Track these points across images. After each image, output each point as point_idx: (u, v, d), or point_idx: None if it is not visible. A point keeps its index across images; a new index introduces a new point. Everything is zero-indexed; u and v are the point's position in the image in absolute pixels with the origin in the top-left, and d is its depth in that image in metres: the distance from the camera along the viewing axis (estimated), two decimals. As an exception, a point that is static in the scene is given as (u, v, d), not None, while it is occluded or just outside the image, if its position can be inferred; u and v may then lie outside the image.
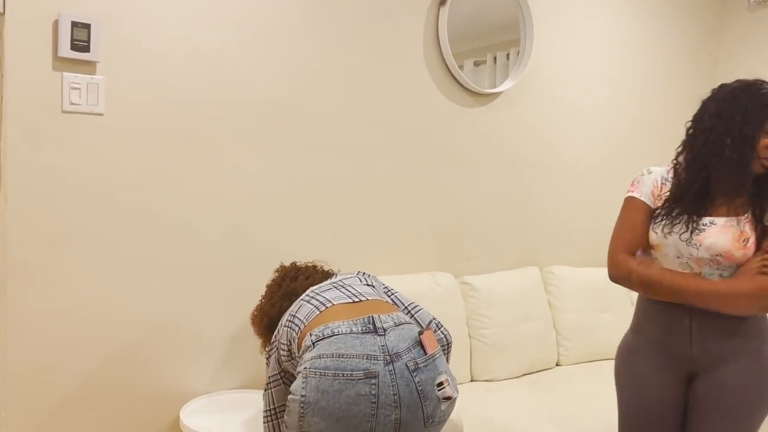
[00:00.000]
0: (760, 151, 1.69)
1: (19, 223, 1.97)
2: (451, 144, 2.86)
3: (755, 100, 1.70)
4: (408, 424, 1.48)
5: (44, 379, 2.06)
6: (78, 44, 1.97)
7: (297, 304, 1.74)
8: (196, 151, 2.24)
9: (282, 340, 1.69)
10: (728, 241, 1.70)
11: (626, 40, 3.43)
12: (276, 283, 2.00)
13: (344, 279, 1.82)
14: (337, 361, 1.44)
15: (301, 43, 2.42)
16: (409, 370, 1.49)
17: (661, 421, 1.82)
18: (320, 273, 2.01)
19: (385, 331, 1.53)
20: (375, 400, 1.43)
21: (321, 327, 1.54)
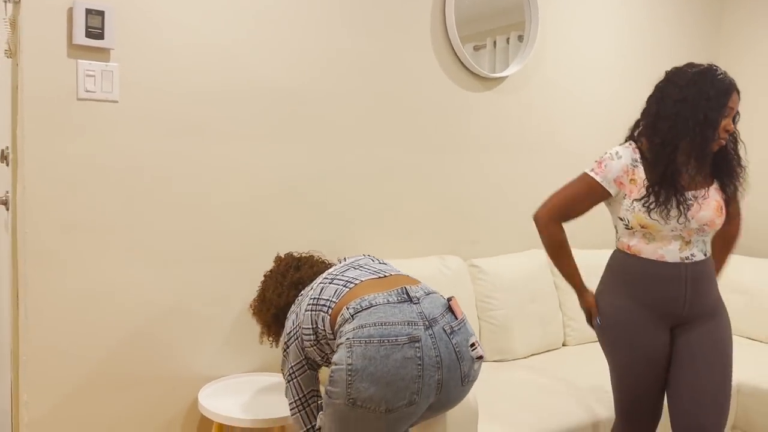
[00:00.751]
0: (720, 132, 1.88)
1: (36, 209, 1.99)
2: (459, 128, 2.88)
3: (716, 86, 1.85)
4: (448, 383, 1.56)
5: (64, 363, 2.08)
6: (92, 31, 1.98)
7: (315, 288, 1.76)
8: (210, 139, 2.26)
9: (305, 325, 1.70)
10: (712, 212, 1.92)
11: (630, 24, 3.45)
12: (280, 273, 2.01)
13: (357, 260, 1.85)
14: (380, 329, 1.49)
15: (311, 30, 2.43)
16: (446, 333, 1.57)
17: (652, 373, 1.98)
18: (322, 263, 2.04)
19: (419, 300, 1.60)
20: (420, 362, 1.49)
21: (357, 300, 1.58)
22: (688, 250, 1.93)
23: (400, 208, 2.76)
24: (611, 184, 1.96)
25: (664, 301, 1.94)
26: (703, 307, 1.97)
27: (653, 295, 1.95)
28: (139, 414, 2.23)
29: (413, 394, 1.49)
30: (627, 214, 1.95)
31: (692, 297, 1.94)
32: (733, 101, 1.88)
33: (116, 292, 2.15)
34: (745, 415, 2.72)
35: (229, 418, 2.04)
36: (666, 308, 1.95)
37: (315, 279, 1.91)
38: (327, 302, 1.66)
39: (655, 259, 1.94)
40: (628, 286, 1.98)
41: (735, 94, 1.89)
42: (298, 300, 1.83)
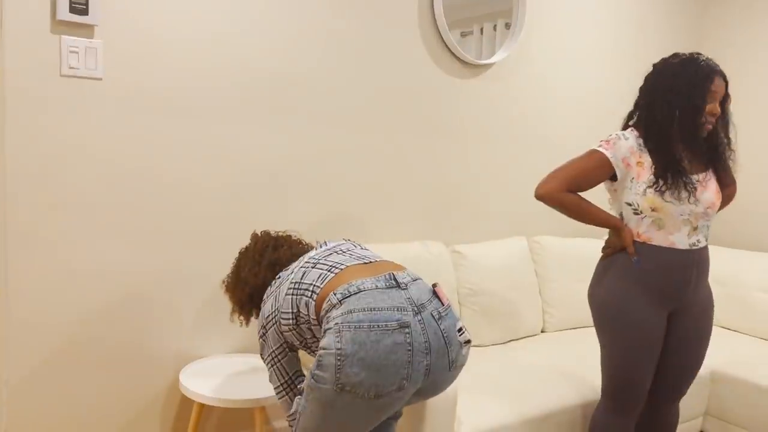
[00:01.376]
0: (706, 116, 1.95)
1: (18, 187, 1.97)
2: (443, 114, 2.89)
3: (699, 72, 1.93)
4: (436, 369, 1.56)
5: (45, 342, 2.08)
6: (77, 7, 1.96)
7: (296, 272, 1.73)
8: (194, 117, 2.25)
9: (284, 309, 1.68)
10: (713, 194, 2.00)
11: (617, 13, 3.47)
12: (257, 252, 1.95)
13: (339, 245, 1.83)
14: (370, 314, 1.49)
15: (297, 12, 2.42)
16: (434, 318, 1.56)
17: (647, 357, 2.05)
18: (300, 244, 2.00)
19: (407, 286, 1.59)
20: (410, 348, 1.49)
21: (345, 285, 1.57)
22: (695, 236, 2.01)
23: (385, 193, 2.76)
24: (619, 163, 1.99)
25: (673, 286, 2.01)
26: (702, 293, 2.09)
27: (664, 281, 2.00)
28: (120, 393, 2.23)
29: (402, 379, 1.49)
30: (636, 198, 1.97)
31: (697, 283, 2.04)
32: (716, 85, 1.93)
33: (98, 271, 2.14)
34: (718, 403, 2.78)
35: (210, 398, 2.04)
36: (673, 293, 2.02)
37: (294, 261, 1.88)
38: (311, 287, 1.65)
39: (667, 246, 1.98)
40: (637, 273, 2.02)
41: (718, 78, 1.94)
42: (277, 282, 1.80)
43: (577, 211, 2.02)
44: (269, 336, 1.73)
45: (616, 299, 2.05)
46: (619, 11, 3.48)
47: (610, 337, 2.08)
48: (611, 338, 2.08)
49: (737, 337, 3.20)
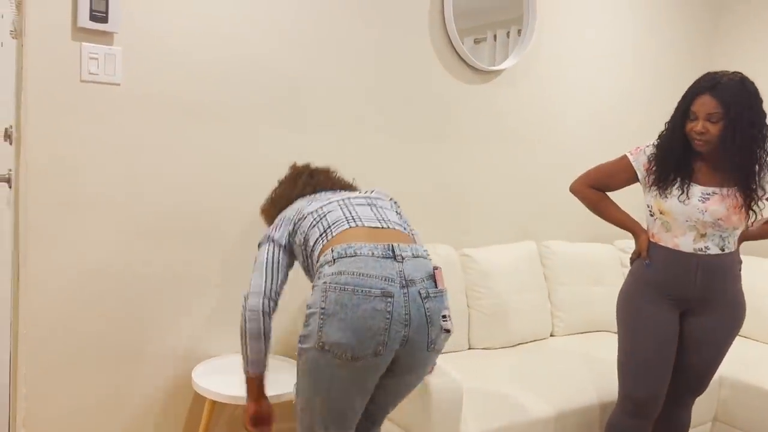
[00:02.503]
0: (688, 133, 2.04)
1: (38, 187, 2.04)
2: (453, 119, 2.93)
3: (688, 91, 2.04)
4: (413, 342, 1.61)
5: (62, 338, 2.14)
6: (97, 15, 2.03)
7: (328, 201, 1.84)
8: (209, 121, 2.31)
9: (303, 226, 1.80)
10: (727, 209, 2.03)
11: (628, 19, 3.49)
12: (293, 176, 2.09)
13: (378, 199, 1.91)
14: (357, 279, 1.56)
15: (311, 19, 2.47)
16: (420, 296, 1.61)
17: (658, 353, 2.12)
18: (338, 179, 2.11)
19: (403, 259, 1.64)
20: (389, 316, 1.55)
21: (343, 245, 1.64)
22: (702, 242, 2.07)
23: (395, 197, 2.80)
24: (640, 167, 2.18)
25: (674, 283, 2.11)
26: (716, 298, 2.12)
27: (667, 279, 2.12)
28: (134, 389, 2.29)
29: (379, 345, 1.55)
30: (651, 200, 2.14)
31: (702, 285, 2.09)
32: (699, 105, 1.98)
33: (114, 270, 2.20)
34: (727, 408, 2.79)
35: (222, 396, 2.10)
36: (676, 291, 2.11)
37: (324, 189, 2.01)
38: (327, 228, 1.74)
39: (671, 247, 2.11)
40: (646, 272, 2.16)
41: (702, 97, 1.97)
42: (309, 197, 1.94)
43: (596, 206, 2.29)
44: (281, 228, 1.85)
45: (628, 299, 2.19)
46: (630, 17, 3.50)
47: (623, 336, 2.19)
48: (624, 337, 2.19)
49: (746, 342, 3.20)
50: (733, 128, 1.95)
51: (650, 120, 3.64)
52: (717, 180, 2.06)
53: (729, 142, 1.96)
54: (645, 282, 2.16)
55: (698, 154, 2.07)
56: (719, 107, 1.95)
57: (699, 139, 2.01)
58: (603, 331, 3.18)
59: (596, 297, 3.15)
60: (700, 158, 2.08)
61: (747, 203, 2.04)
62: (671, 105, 2.14)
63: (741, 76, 1.98)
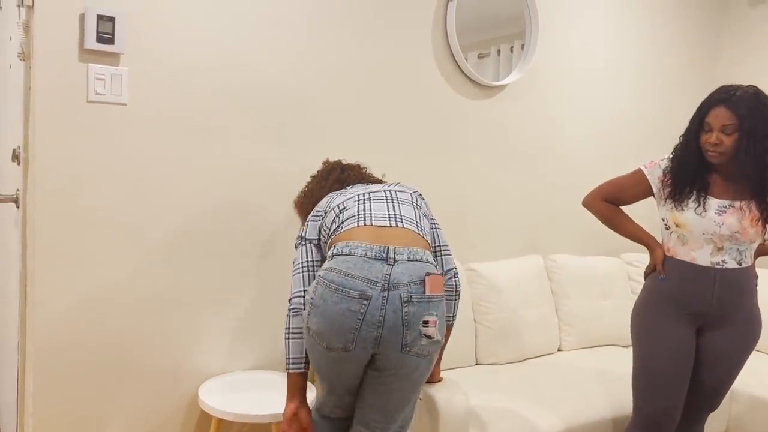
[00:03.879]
0: (703, 145, 2.04)
1: (45, 207, 2.06)
2: (458, 134, 2.94)
3: (702, 103, 2.05)
4: (387, 342, 1.69)
5: (69, 356, 2.15)
6: (103, 37, 2.05)
7: (351, 197, 1.92)
8: (215, 140, 2.33)
9: (327, 222, 1.91)
10: (744, 222, 2.03)
11: (629, 32, 3.50)
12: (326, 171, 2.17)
13: (399, 192, 1.98)
14: (342, 278, 1.69)
15: (314, 36, 2.50)
16: (401, 300, 1.69)
17: (674, 368, 2.10)
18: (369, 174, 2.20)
19: (395, 262, 1.72)
20: (361, 317, 1.67)
21: (343, 243, 1.76)
22: (720, 256, 2.07)
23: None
24: (655, 180, 2.18)
25: (691, 298, 2.10)
26: (732, 313, 2.11)
27: (683, 293, 2.11)
28: (141, 407, 2.29)
29: (348, 342, 1.67)
30: (666, 213, 2.14)
31: (720, 300, 2.08)
32: (713, 117, 1.99)
33: (121, 288, 2.21)
34: (739, 423, 2.76)
35: (228, 414, 2.09)
36: (692, 306, 2.10)
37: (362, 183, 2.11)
38: (340, 224, 1.85)
39: (688, 260, 2.10)
40: (661, 286, 2.15)
41: (716, 109, 1.99)
42: (336, 192, 2.02)
43: (609, 220, 2.29)
44: (310, 226, 1.96)
45: (643, 313, 2.19)
46: (632, 33, 3.51)
47: (638, 350, 2.18)
48: (638, 351, 2.18)
49: (757, 356, 3.17)
50: (747, 140, 1.96)
51: (654, 133, 3.64)
52: (732, 193, 2.07)
53: (743, 154, 1.97)
54: (660, 296, 2.14)
55: (713, 167, 2.07)
56: (734, 119, 1.96)
57: (713, 151, 2.01)
58: (611, 345, 3.16)
59: (604, 311, 3.14)
60: (715, 171, 2.08)
61: (764, 216, 2.03)
62: (675, 118, 2.16)
63: (756, 89, 1.99)
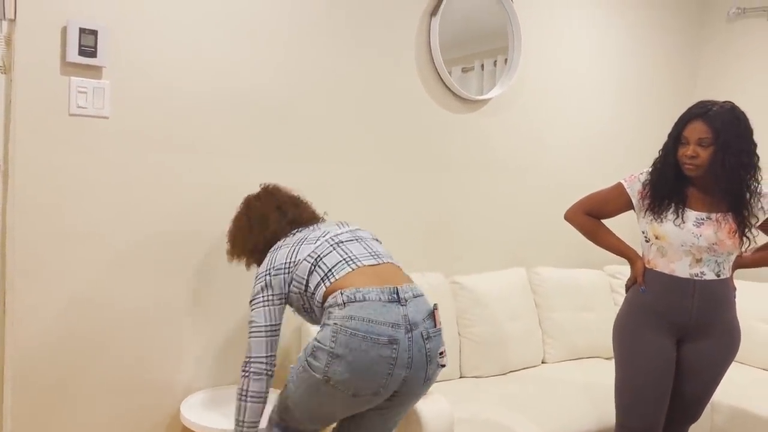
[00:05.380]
0: (680, 158, 2.08)
1: (26, 220, 2.04)
2: (441, 148, 2.96)
3: (680, 117, 2.09)
4: (412, 380, 1.74)
5: (49, 370, 2.12)
6: (85, 50, 2.05)
7: (319, 244, 1.87)
8: (197, 153, 2.32)
9: (300, 273, 1.84)
10: (721, 233, 2.06)
11: (611, 48, 3.55)
12: (282, 202, 2.06)
13: (358, 231, 1.98)
14: (367, 325, 1.67)
15: (299, 50, 2.51)
16: (423, 337, 1.73)
17: (658, 377, 2.12)
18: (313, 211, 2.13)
19: (406, 302, 1.75)
20: (393, 362, 1.68)
21: (352, 289, 1.72)
22: (698, 267, 2.10)
23: (384, 225, 2.82)
24: (635, 193, 2.20)
25: (671, 310, 2.12)
26: (712, 325, 2.13)
27: (663, 305, 2.13)
28: (122, 423, 2.27)
29: (380, 386, 1.68)
30: (646, 226, 2.16)
31: (699, 311, 2.10)
32: (690, 130, 2.04)
33: (101, 301, 2.19)
34: (720, 434, 2.77)
35: (210, 429, 2.07)
36: (672, 317, 2.12)
37: (310, 223, 2.03)
38: (328, 272, 1.80)
39: (667, 272, 2.13)
40: (641, 298, 2.17)
41: (693, 123, 2.03)
42: (294, 237, 1.94)
43: (591, 233, 2.32)
44: (275, 281, 1.85)
45: (624, 326, 2.20)
46: (614, 47, 3.56)
47: (619, 365, 2.20)
48: (620, 365, 2.19)
49: (738, 367, 3.19)
50: (722, 154, 2.01)
51: (635, 146, 3.69)
52: (709, 206, 2.10)
53: (718, 167, 2.01)
54: (641, 308, 2.16)
55: (690, 180, 2.11)
56: (709, 132, 2.01)
57: (690, 164, 2.05)
58: (595, 357, 3.17)
59: (587, 323, 3.15)
60: (692, 184, 2.12)
61: (740, 229, 2.07)
62: (656, 131, 2.20)
63: (732, 105, 2.04)
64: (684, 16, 3.92)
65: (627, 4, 3.60)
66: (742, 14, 3.81)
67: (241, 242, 2.07)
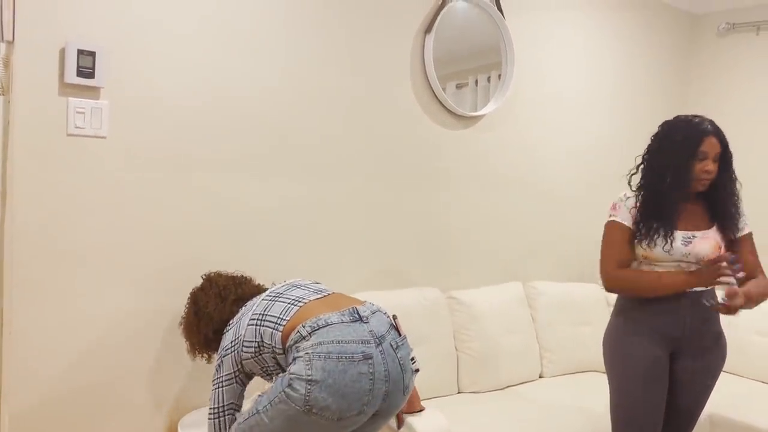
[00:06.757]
0: (697, 174, 2.06)
1: (24, 240, 2.05)
2: (437, 164, 2.98)
3: (686, 132, 2.07)
4: (393, 394, 1.74)
5: (46, 389, 2.12)
6: (83, 71, 2.07)
7: (258, 305, 1.85)
8: (195, 172, 2.34)
9: (248, 338, 1.80)
10: (709, 249, 2.09)
11: (603, 64, 3.59)
12: (222, 289, 2.06)
13: (296, 281, 1.97)
14: (338, 346, 1.66)
15: (295, 68, 2.53)
16: (392, 348, 1.74)
17: (653, 389, 2.11)
18: (257, 283, 2.15)
19: (368, 319, 1.75)
20: (372, 378, 1.67)
21: (313, 319, 1.71)
22: None
23: (380, 241, 2.83)
24: (629, 219, 2.15)
25: (665, 324, 2.11)
26: (704, 337, 2.15)
27: (657, 318, 2.12)
28: (120, 443, 2.26)
29: (363, 405, 1.66)
30: (638, 248, 2.13)
31: (692, 324, 2.11)
32: (707, 145, 2.05)
33: (100, 320, 2.20)
34: (717, 446, 2.78)
35: (208, 447, 2.07)
36: (667, 330, 2.11)
37: (254, 297, 2.00)
38: (277, 319, 1.77)
39: None
40: (634, 311, 2.16)
41: (709, 138, 2.05)
42: (238, 316, 1.92)
43: (640, 288, 2.12)
44: (225, 362, 1.85)
45: (617, 340, 2.19)
46: (607, 62, 3.60)
47: (610, 373, 2.20)
48: (610, 373, 2.20)
49: (734, 379, 3.20)
50: (725, 168, 2.09)
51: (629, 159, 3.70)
52: (694, 223, 2.12)
53: (726, 181, 2.10)
54: (635, 324, 2.15)
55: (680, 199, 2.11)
56: (720, 147, 2.07)
57: (707, 179, 2.07)
58: (592, 371, 3.17)
59: (584, 337, 3.16)
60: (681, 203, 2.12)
61: (725, 242, 2.11)
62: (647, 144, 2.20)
63: None
64: (676, 31, 3.97)
65: (619, 19, 3.64)
66: (732, 29, 3.86)
67: (195, 337, 2.08)
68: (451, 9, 2.90)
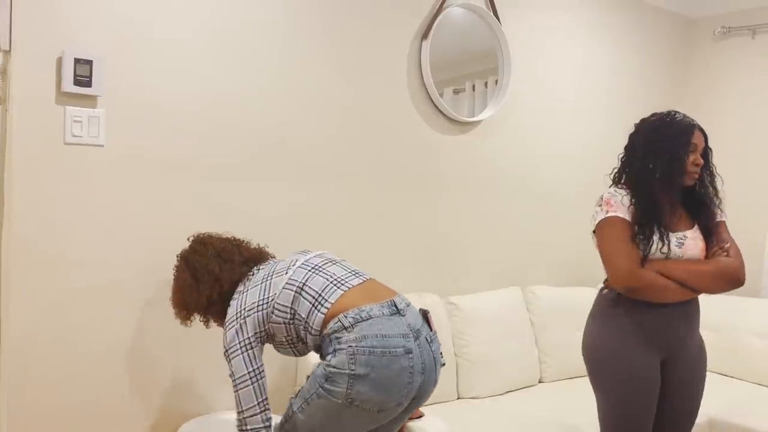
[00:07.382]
0: (689, 166, 2.05)
1: (22, 248, 2.04)
2: (435, 170, 2.98)
3: (677, 127, 2.08)
4: (426, 384, 1.80)
5: (46, 399, 2.11)
6: (81, 79, 2.07)
7: (292, 269, 1.86)
8: (193, 179, 2.34)
9: (281, 302, 1.81)
10: (699, 249, 2.10)
11: (600, 67, 3.59)
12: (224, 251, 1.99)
13: (325, 254, 1.99)
14: (382, 341, 1.70)
15: (291, 74, 2.53)
16: (428, 342, 1.81)
17: (644, 404, 2.08)
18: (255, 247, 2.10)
19: (405, 312, 1.80)
20: (411, 371, 1.73)
21: (355, 310, 1.75)
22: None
23: (379, 246, 2.83)
24: (627, 214, 2.06)
25: (660, 332, 2.08)
26: (692, 342, 2.15)
27: (649, 325, 2.08)
28: (119, 452, 2.25)
29: (402, 397, 1.73)
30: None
31: (684, 330, 2.10)
32: (696, 138, 2.07)
33: (98, 328, 2.19)
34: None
35: (208, 455, 2.07)
36: (663, 336, 2.08)
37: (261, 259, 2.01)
38: (318, 296, 1.79)
39: None
40: (623, 318, 2.10)
41: (697, 131, 2.08)
42: (254, 278, 1.90)
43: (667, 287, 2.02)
44: (248, 322, 1.82)
45: (607, 346, 2.13)
46: (603, 66, 3.61)
47: (603, 384, 2.14)
48: (604, 385, 2.14)
49: (733, 382, 3.20)
50: (707, 164, 2.11)
51: (628, 164, 3.71)
52: (681, 224, 2.11)
53: (707, 176, 2.11)
54: (623, 328, 2.09)
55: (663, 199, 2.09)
56: (705, 142, 2.10)
57: (696, 172, 2.08)
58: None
59: (583, 341, 3.15)
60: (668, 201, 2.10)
61: (707, 241, 2.12)
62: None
63: None
64: (671, 35, 3.98)
65: (615, 23, 3.65)
66: (728, 33, 3.87)
67: (194, 300, 1.97)
68: (447, 15, 2.90)
